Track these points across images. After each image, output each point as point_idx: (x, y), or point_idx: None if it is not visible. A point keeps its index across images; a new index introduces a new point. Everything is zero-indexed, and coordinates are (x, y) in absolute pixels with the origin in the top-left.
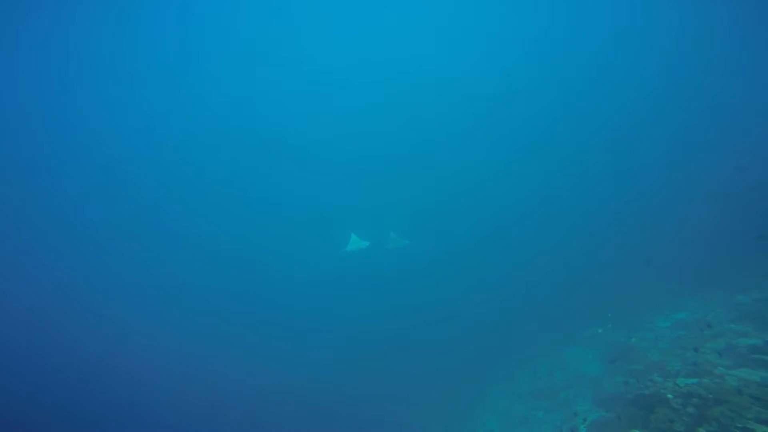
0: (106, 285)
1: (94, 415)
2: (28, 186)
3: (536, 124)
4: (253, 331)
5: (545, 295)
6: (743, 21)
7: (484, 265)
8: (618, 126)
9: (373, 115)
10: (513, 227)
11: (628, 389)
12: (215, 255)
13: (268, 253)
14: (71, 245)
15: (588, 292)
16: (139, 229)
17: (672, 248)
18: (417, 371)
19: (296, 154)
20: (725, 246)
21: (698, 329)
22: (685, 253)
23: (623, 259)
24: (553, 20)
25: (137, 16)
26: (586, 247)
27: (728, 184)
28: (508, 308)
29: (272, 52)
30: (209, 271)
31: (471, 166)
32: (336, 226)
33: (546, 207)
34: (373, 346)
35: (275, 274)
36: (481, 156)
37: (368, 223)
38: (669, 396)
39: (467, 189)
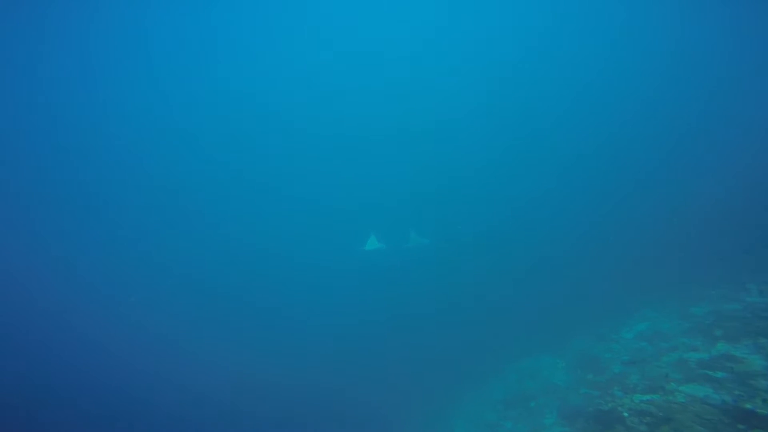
0: (121, 279)
1: (100, 410)
2: (39, 182)
3: (537, 123)
4: (259, 324)
5: (526, 299)
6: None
7: (481, 265)
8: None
9: (391, 113)
10: (508, 228)
11: (590, 402)
12: (229, 251)
13: (283, 250)
14: (85, 239)
15: (566, 298)
16: (153, 223)
17: (648, 256)
18: (399, 369)
19: (314, 152)
20: (695, 254)
21: (657, 341)
22: (659, 260)
23: (602, 265)
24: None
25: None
26: (566, 252)
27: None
28: (490, 311)
29: (286, 47)
30: (222, 266)
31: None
32: (356, 224)
33: (535, 210)
34: (362, 341)
35: (289, 270)
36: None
37: (389, 221)
38: (625, 414)
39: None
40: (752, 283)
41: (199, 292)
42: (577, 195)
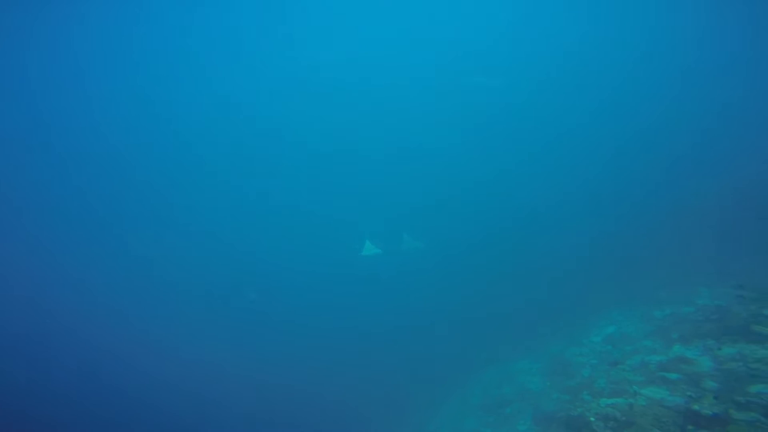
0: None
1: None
2: (35, 180)
3: (546, 125)
4: (257, 330)
5: (506, 304)
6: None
7: (461, 273)
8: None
9: (384, 114)
10: (485, 235)
11: (561, 407)
12: (224, 255)
13: (278, 256)
14: (83, 239)
15: (543, 302)
16: (149, 225)
17: (618, 258)
18: (383, 377)
19: (309, 158)
20: (663, 257)
21: (622, 345)
22: (628, 263)
23: (575, 267)
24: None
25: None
26: (542, 255)
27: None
28: (471, 318)
29: (279, 50)
30: (219, 270)
31: (481, 166)
32: (352, 229)
33: (511, 218)
34: (347, 351)
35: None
36: (491, 155)
37: (383, 225)
38: (592, 419)
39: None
40: (704, 286)
41: (199, 297)
42: (551, 201)
